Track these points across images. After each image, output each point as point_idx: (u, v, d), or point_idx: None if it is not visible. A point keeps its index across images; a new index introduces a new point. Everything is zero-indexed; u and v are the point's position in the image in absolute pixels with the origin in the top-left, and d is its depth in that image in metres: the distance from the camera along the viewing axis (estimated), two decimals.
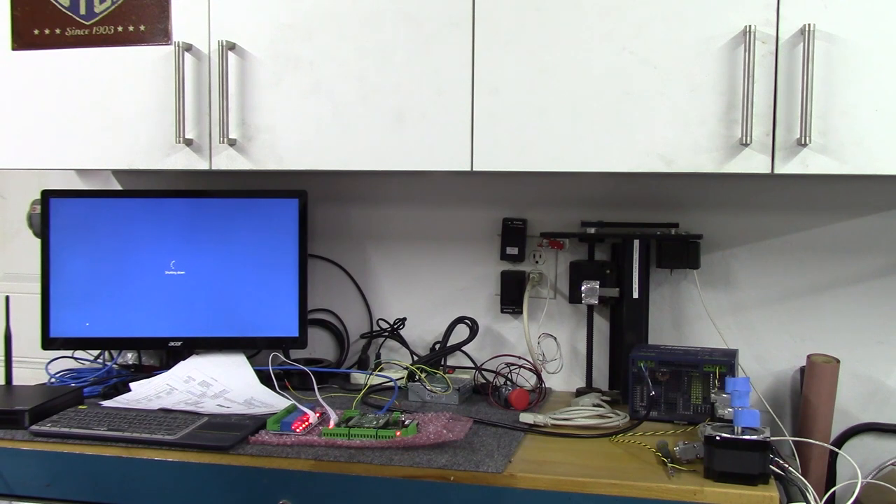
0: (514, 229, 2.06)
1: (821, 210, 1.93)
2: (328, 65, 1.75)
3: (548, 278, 2.07)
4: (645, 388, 1.75)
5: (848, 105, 1.54)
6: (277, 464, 1.51)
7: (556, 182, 2.05)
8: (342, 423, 1.61)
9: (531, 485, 1.43)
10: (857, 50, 1.53)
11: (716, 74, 1.58)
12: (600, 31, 1.63)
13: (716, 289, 1.98)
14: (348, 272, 2.19)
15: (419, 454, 1.50)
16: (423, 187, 2.14)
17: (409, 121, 1.72)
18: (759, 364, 1.96)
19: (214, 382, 1.87)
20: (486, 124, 1.69)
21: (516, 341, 2.09)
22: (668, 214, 1.98)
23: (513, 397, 1.83)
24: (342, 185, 2.18)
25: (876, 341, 1.91)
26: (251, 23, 1.79)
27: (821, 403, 1.79)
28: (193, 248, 1.99)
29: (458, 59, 1.69)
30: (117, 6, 1.86)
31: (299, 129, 1.77)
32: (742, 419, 1.41)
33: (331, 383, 2.01)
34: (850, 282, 1.92)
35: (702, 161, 1.60)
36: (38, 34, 1.90)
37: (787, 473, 1.47)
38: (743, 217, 1.96)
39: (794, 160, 1.56)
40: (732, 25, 1.57)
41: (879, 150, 1.54)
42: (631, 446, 1.60)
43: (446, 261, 2.13)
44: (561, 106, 1.65)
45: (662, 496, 1.38)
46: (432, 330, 2.10)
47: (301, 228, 2.03)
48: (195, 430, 1.61)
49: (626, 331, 1.93)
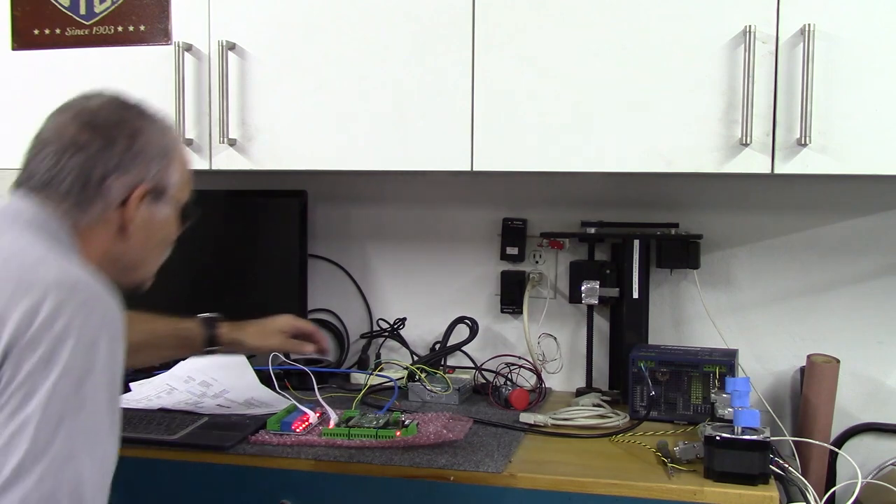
0: (514, 229, 2.06)
1: (821, 210, 1.93)
2: (328, 65, 1.75)
3: (548, 278, 2.07)
4: (645, 388, 1.75)
5: (848, 105, 1.53)
6: (277, 464, 1.51)
7: (556, 182, 2.05)
8: (342, 423, 1.61)
9: (531, 485, 1.43)
10: (857, 50, 1.53)
11: (716, 74, 1.58)
12: (600, 30, 1.63)
13: (716, 289, 1.98)
14: (348, 272, 2.19)
15: (419, 454, 1.50)
16: (423, 187, 2.14)
17: (409, 121, 1.72)
18: (759, 364, 1.96)
19: (214, 382, 1.87)
20: (486, 124, 1.69)
21: (516, 341, 2.09)
22: (668, 214, 1.98)
23: (513, 397, 1.83)
24: (342, 185, 2.18)
25: (876, 341, 1.91)
26: (251, 23, 1.79)
27: (821, 403, 1.79)
28: (193, 248, 1.98)
29: (458, 59, 1.69)
30: (117, 6, 1.86)
31: (299, 129, 1.77)
32: (742, 419, 1.41)
33: (331, 383, 2.01)
34: (850, 282, 1.92)
35: (702, 161, 1.60)
36: (38, 34, 1.90)
37: (787, 473, 1.47)
38: (743, 217, 1.96)
39: (794, 160, 1.56)
40: (732, 25, 1.57)
41: (879, 150, 1.54)
42: (631, 446, 1.60)
43: (446, 261, 2.13)
44: (561, 106, 1.65)
45: (662, 496, 1.39)
46: (432, 330, 2.10)
47: (301, 228, 2.03)
48: (195, 430, 1.61)
49: (626, 331, 1.93)
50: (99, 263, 1.16)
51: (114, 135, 1.18)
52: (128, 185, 1.18)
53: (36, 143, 1.19)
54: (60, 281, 1.02)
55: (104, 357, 1.00)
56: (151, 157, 1.20)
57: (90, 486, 0.97)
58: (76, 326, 0.99)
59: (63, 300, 1.00)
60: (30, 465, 0.94)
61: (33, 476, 0.93)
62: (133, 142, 1.19)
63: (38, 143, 1.19)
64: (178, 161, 1.26)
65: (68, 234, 1.15)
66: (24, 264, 1.05)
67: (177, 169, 1.25)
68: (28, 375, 0.96)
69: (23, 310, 0.99)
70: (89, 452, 0.97)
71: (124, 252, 1.21)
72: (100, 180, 1.16)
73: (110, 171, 1.16)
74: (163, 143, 1.23)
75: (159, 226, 1.24)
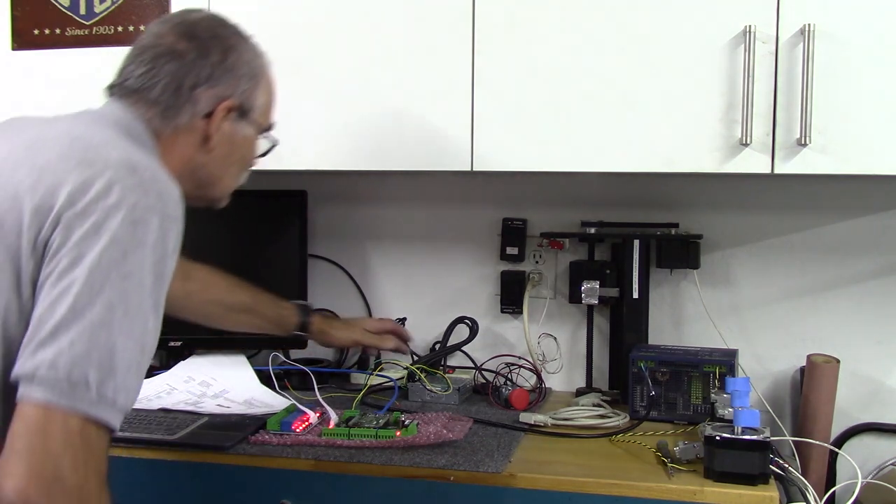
0: (514, 229, 2.06)
1: (821, 210, 1.93)
2: (328, 65, 1.75)
3: (548, 278, 2.07)
4: (645, 388, 1.75)
5: (848, 105, 1.54)
6: (277, 464, 1.51)
7: (556, 182, 2.05)
8: (342, 423, 1.61)
9: (531, 485, 1.43)
10: (857, 50, 1.53)
11: (716, 74, 1.58)
12: (600, 30, 1.63)
13: (716, 289, 1.98)
14: (348, 272, 2.19)
15: (419, 454, 1.50)
16: (423, 187, 2.14)
17: (409, 121, 1.72)
18: (759, 364, 1.96)
19: (214, 382, 1.87)
20: (486, 124, 1.69)
21: (516, 341, 2.09)
22: (668, 214, 1.98)
23: (513, 397, 1.83)
24: (342, 185, 2.18)
25: (876, 341, 1.91)
26: (251, 23, 1.78)
27: (821, 403, 1.79)
28: (193, 248, 1.98)
29: (458, 59, 1.69)
30: (117, 6, 1.86)
31: (299, 129, 1.77)
32: (742, 419, 1.41)
33: (331, 383, 2.01)
34: (850, 282, 1.92)
35: (702, 161, 1.60)
36: (38, 34, 1.90)
37: (787, 473, 1.47)
38: (743, 217, 1.96)
39: (794, 160, 1.56)
40: (732, 25, 1.57)
41: (879, 150, 1.54)
42: (631, 446, 1.60)
43: (446, 261, 2.13)
44: (561, 106, 1.65)
45: (662, 496, 1.38)
46: (432, 330, 2.10)
47: (301, 228, 2.03)
48: (195, 430, 1.61)
49: (626, 331, 1.93)
50: (178, 173, 1.20)
51: (209, 46, 1.23)
52: (216, 98, 1.23)
53: (133, 50, 1.24)
54: (122, 160, 1.05)
55: (154, 235, 1.02)
56: (241, 74, 1.26)
57: (123, 358, 0.98)
58: (130, 201, 1.01)
59: (120, 176, 1.03)
60: (66, 326, 0.96)
61: (69, 336, 0.95)
62: (226, 56, 1.24)
63: (135, 49, 1.24)
64: (266, 85, 1.32)
65: (151, 139, 1.20)
66: (91, 144, 1.08)
67: (263, 92, 1.30)
68: (77, 242, 0.98)
69: (79, 180, 1.01)
70: (127, 325, 0.99)
71: (205, 164, 1.26)
72: (190, 88, 1.21)
73: (202, 81, 1.21)
74: (254, 64, 1.29)
75: (240, 143, 1.29)
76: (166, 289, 1.05)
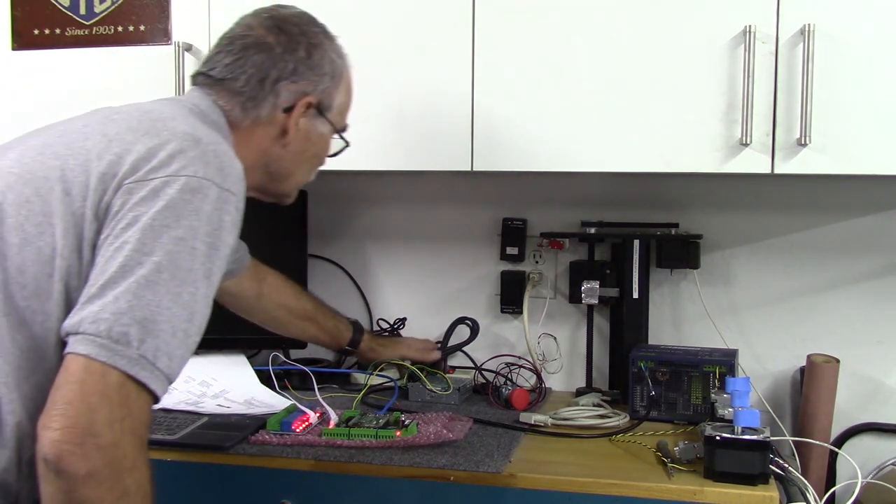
0: (514, 229, 2.06)
1: (821, 210, 1.93)
2: None
3: (548, 278, 2.07)
4: (645, 388, 1.75)
5: (848, 105, 1.54)
6: (277, 464, 1.51)
7: (556, 182, 2.05)
8: (342, 423, 1.60)
9: (531, 485, 1.43)
10: (857, 50, 1.53)
11: (716, 74, 1.58)
12: (600, 30, 1.63)
13: (716, 289, 1.98)
14: (348, 272, 2.19)
15: (419, 454, 1.50)
16: (423, 187, 2.14)
17: (409, 121, 1.72)
18: (759, 364, 1.96)
19: (214, 382, 1.87)
20: (486, 124, 1.69)
21: (516, 341, 2.09)
22: (668, 214, 1.98)
23: (513, 397, 1.83)
24: (342, 185, 2.18)
25: (876, 341, 1.91)
26: None
27: (821, 403, 1.79)
28: None
29: (458, 59, 1.69)
30: (117, 6, 1.86)
31: None
32: (742, 419, 1.41)
33: (331, 383, 2.01)
34: (850, 282, 1.92)
35: (702, 161, 1.60)
36: (38, 34, 1.90)
37: (787, 473, 1.47)
38: (743, 217, 1.96)
39: (794, 160, 1.56)
40: (732, 25, 1.57)
41: (879, 150, 1.54)
42: (631, 446, 1.60)
43: (446, 261, 2.13)
44: (561, 106, 1.65)
45: (662, 496, 1.38)
46: (432, 330, 2.10)
47: (301, 228, 2.03)
48: (195, 430, 1.61)
49: (626, 331, 1.93)
50: (252, 165, 1.23)
51: (297, 42, 1.26)
52: (297, 93, 1.26)
53: (221, 40, 1.27)
54: (187, 132, 1.08)
55: (211, 206, 1.03)
56: (324, 72, 1.28)
57: (167, 320, 0.98)
58: (190, 170, 1.03)
59: (184, 147, 1.05)
60: (114, 283, 0.97)
61: (114, 292, 0.97)
62: (312, 53, 1.27)
63: (224, 39, 1.27)
64: (346, 86, 1.35)
65: (227, 128, 1.22)
66: (159, 117, 1.11)
67: (343, 92, 1.34)
68: (135, 205, 1.01)
69: (144, 149, 1.04)
70: (174, 288, 0.99)
71: (279, 157, 1.29)
72: (274, 81, 1.23)
73: (286, 75, 1.24)
74: (337, 63, 1.32)
75: (315, 140, 1.32)
76: (222, 263, 1.06)
